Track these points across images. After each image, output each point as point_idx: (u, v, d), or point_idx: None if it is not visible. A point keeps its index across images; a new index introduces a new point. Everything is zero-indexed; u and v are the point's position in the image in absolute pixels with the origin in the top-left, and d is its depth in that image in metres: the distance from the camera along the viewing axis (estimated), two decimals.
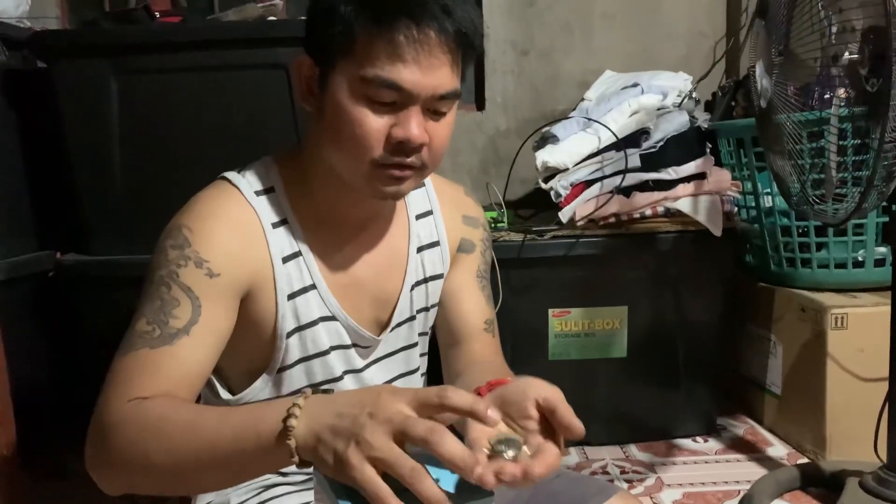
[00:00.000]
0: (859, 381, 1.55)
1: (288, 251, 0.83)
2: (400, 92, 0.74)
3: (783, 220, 1.70)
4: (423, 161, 0.78)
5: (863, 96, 1.10)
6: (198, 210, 0.81)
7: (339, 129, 0.76)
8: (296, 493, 0.89)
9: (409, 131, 0.74)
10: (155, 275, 0.77)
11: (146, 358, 0.72)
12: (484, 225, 1.00)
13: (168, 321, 0.74)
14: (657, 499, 1.48)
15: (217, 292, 0.77)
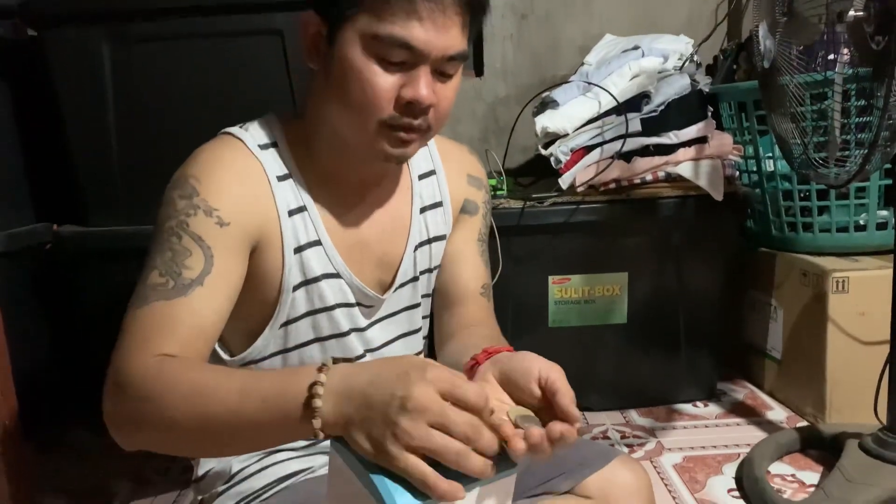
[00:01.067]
0: (860, 345, 1.55)
1: (294, 205, 0.83)
2: (411, 51, 0.73)
3: (785, 185, 1.69)
4: (429, 123, 0.78)
5: (868, 56, 1.08)
6: (204, 160, 0.80)
7: (348, 87, 0.75)
8: (297, 459, 0.89)
9: (418, 91, 0.74)
10: (164, 226, 0.76)
11: (162, 311, 0.72)
12: (486, 187, 1.00)
13: (181, 272, 0.73)
14: (657, 463, 1.49)
15: (228, 241, 0.76)
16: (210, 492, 0.90)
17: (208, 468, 0.91)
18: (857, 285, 1.54)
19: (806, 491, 1.34)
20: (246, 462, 0.89)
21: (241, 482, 0.88)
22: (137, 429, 0.68)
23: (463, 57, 0.76)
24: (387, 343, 0.93)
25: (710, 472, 1.44)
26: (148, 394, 0.66)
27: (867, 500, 1.19)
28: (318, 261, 0.84)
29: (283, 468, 0.88)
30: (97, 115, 1.45)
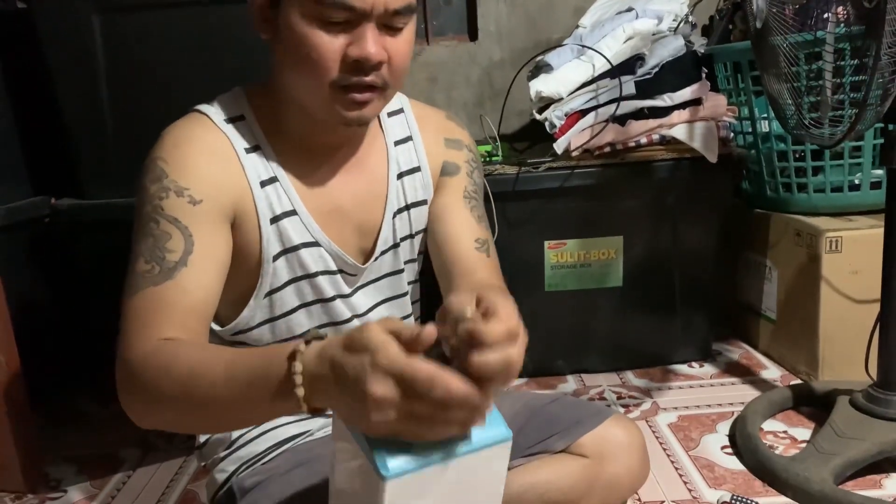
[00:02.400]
0: (852, 303, 1.57)
1: (265, 175, 0.83)
2: (352, 10, 0.73)
3: (780, 146, 1.69)
4: (384, 80, 0.77)
5: (860, 14, 1.08)
6: (169, 140, 0.81)
7: (295, 53, 0.76)
8: (295, 423, 0.91)
9: (364, 49, 0.73)
10: (142, 212, 0.78)
11: (153, 296, 0.73)
12: (469, 146, 0.99)
13: (164, 256, 0.75)
14: (652, 422, 1.51)
15: (204, 218, 0.77)
16: (212, 458, 0.93)
17: (209, 435, 0.93)
18: (850, 244, 1.55)
19: (798, 446, 1.37)
20: (245, 428, 0.91)
21: (241, 447, 0.90)
22: (148, 413, 0.71)
23: (409, 10, 0.76)
24: (373, 307, 0.95)
25: (705, 430, 1.47)
26: (149, 381, 0.68)
27: (857, 454, 1.22)
28: (295, 230, 0.85)
29: (282, 432, 0.90)
30: (89, 86, 1.45)
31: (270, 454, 0.89)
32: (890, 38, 1.01)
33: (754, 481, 1.27)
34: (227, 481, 0.91)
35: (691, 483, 1.28)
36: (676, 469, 1.33)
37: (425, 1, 2.20)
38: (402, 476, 0.54)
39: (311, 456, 0.87)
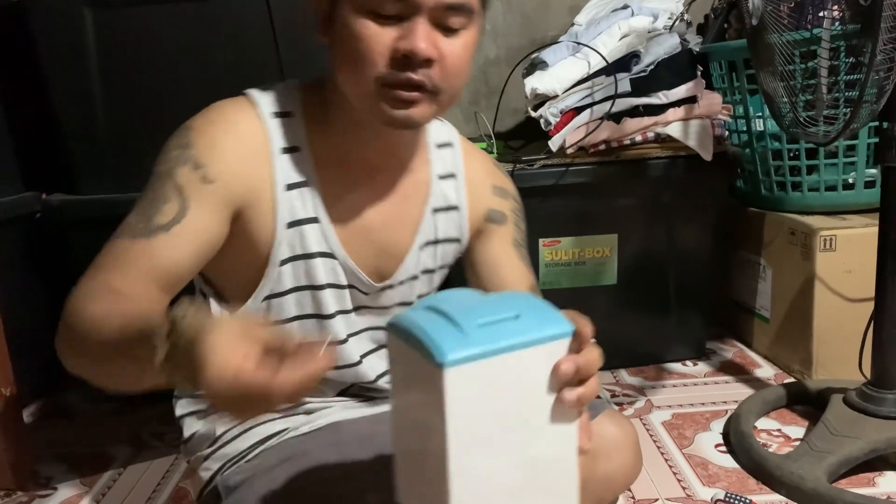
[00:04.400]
0: (846, 302, 1.57)
1: (294, 179, 0.82)
2: (403, 2, 0.71)
3: (774, 144, 1.69)
4: (433, 82, 0.74)
5: (856, 12, 1.08)
6: (209, 116, 0.81)
7: (345, 47, 0.75)
8: (280, 420, 0.90)
9: (413, 42, 0.71)
10: (156, 169, 0.78)
11: (122, 246, 0.73)
12: (514, 196, 0.99)
13: (153, 216, 0.74)
14: (647, 420, 1.51)
15: (208, 198, 0.76)
16: (196, 454, 0.92)
17: (193, 430, 0.92)
18: (844, 243, 1.55)
19: (791, 445, 1.37)
20: (230, 424, 0.90)
21: (225, 445, 0.89)
22: (69, 352, 0.71)
23: (466, 9, 0.74)
24: (365, 330, 0.92)
25: (699, 428, 1.47)
26: (75, 321, 0.69)
27: (851, 452, 1.22)
28: (314, 238, 0.83)
29: (265, 429, 0.89)
30: (81, 81, 1.44)
31: (254, 451, 0.88)
32: (885, 35, 1.01)
33: (748, 479, 1.27)
34: (211, 479, 0.90)
35: (685, 481, 1.28)
36: (670, 467, 1.33)
37: None
38: (462, 364, 0.51)
39: (296, 452, 0.86)
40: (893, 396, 1.27)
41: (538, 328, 0.56)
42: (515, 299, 0.59)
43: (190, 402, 0.94)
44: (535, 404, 0.57)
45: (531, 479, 0.58)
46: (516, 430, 0.56)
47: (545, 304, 0.59)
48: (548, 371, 0.56)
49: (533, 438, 0.57)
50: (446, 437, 0.52)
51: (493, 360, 0.53)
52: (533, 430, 0.57)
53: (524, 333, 0.55)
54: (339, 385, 0.93)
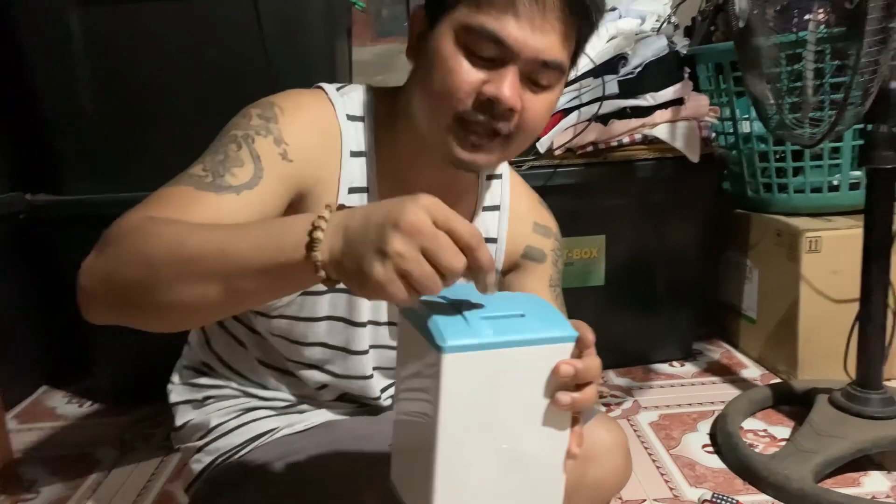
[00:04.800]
0: (831, 303, 1.58)
1: (357, 183, 0.81)
2: (501, 47, 0.71)
3: (761, 146, 1.70)
4: (510, 130, 0.74)
5: (841, 16, 1.09)
6: (295, 99, 0.80)
7: (432, 74, 0.74)
8: (275, 417, 0.90)
9: (501, 89, 0.71)
10: (229, 132, 0.75)
11: (186, 194, 0.69)
12: (556, 235, 0.98)
13: (224, 175, 0.71)
14: (634, 421, 1.52)
15: (283, 174, 0.75)
16: (188, 443, 0.91)
17: (187, 419, 0.92)
18: (829, 244, 1.57)
19: (777, 445, 1.37)
20: (224, 417, 0.90)
21: (218, 438, 0.89)
22: (109, 281, 0.61)
23: (559, 68, 0.73)
24: (390, 347, 0.91)
25: (686, 429, 1.47)
26: (129, 243, 0.61)
27: (836, 452, 1.23)
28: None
29: (261, 425, 0.89)
30: (68, 80, 1.43)
31: (248, 447, 0.88)
32: (870, 38, 1.02)
33: (735, 479, 1.28)
34: (202, 472, 0.90)
35: (673, 482, 1.28)
36: (658, 468, 1.33)
37: (408, 3, 2.20)
38: (461, 352, 0.53)
39: (291, 450, 0.86)
40: (878, 396, 1.28)
41: (541, 329, 0.57)
42: (525, 300, 0.60)
43: (185, 389, 0.94)
44: (530, 403, 0.57)
45: (517, 477, 0.58)
46: (508, 426, 0.57)
47: (553, 309, 0.60)
48: (546, 372, 0.57)
49: (524, 437, 0.58)
50: (437, 422, 0.53)
51: (492, 352, 0.54)
52: (525, 428, 0.58)
53: (526, 332, 0.56)
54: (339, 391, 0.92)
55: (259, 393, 0.91)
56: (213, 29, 1.42)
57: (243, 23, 1.41)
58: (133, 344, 1.50)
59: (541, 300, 0.62)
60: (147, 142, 1.46)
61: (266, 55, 1.42)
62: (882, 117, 1.19)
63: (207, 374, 0.93)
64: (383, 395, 0.93)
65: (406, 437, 0.61)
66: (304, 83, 0.91)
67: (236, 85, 1.41)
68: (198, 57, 1.43)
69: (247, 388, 0.91)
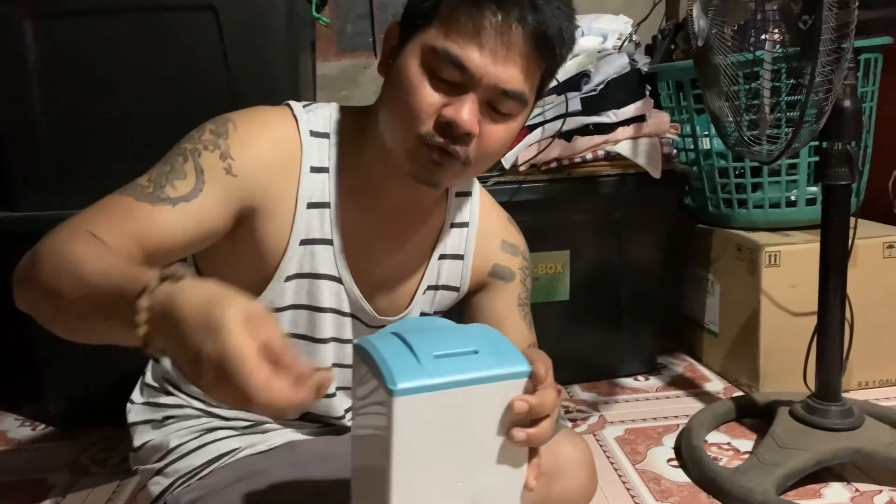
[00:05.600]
0: (791, 316, 1.61)
1: (317, 198, 0.81)
2: (464, 72, 0.72)
3: (720, 162, 1.73)
4: (467, 156, 0.75)
5: (796, 36, 1.11)
6: (252, 117, 0.80)
7: (397, 93, 0.75)
8: (237, 437, 0.89)
9: (459, 114, 0.72)
10: (181, 144, 0.77)
11: (121, 203, 0.72)
12: (524, 253, 0.99)
13: (164, 186, 0.73)
14: (600, 436, 1.52)
15: (224, 190, 0.75)
16: (146, 465, 0.89)
17: (146, 440, 0.90)
18: (788, 259, 1.59)
19: (741, 458, 1.39)
20: (184, 438, 0.88)
21: (178, 460, 0.87)
22: (33, 285, 0.65)
23: (520, 98, 0.75)
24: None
25: (651, 443, 1.48)
26: (48, 251, 0.65)
27: (797, 465, 1.24)
28: (324, 259, 0.82)
29: (222, 445, 0.87)
30: (20, 94, 1.39)
31: (208, 468, 0.86)
32: (824, 57, 1.04)
33: (700, 493, 1.28)
34: (161, 495, 0.87)
35: (638, 497, 1.28)
36: (624, 483, 1.33)
37: (373, 16, 2.20)
38: (412, 395, 0.53)
39: (252, 471, 0.84)
40: (837, 408, 1.30)
41: (494, 366, 0.56)
42: (478, 333, 0.60)
43: (145, 409, 0.92)
44: (484, 440, 0.57)
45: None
46: (462, 463, 0.57)
47: (507, 342, 0.60)
48: (500, 409, 0.57)
49: (479, 473, 0.57)
50: (390, 464, 0.53)
51: (444, 392, 0.54)
52: (480, 464, 0.57)
53: (479, 370, 0.55)
54: (303, 410, 0.91)
55: (221, 412, 0.89)
56: (172, 42, 1.40)
57: (204, 36, 1.39)
58: (87, 365, 1.46)
59: (495, 332, 0.62)
60: (102, 158, 1.43)
61: (227, 70, 1.40)
62: (836, 135, 1.22)
63: (169, 392, 0.91)
64: (347, 414, 0.92)
65: (364, 467, 0.61)
66: (266, 98, 0.91)
67: (196, 100, 1.39)
68: (156, 71, 1.40)
69: (209, 408, 0.90)
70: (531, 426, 0.58)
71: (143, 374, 0.95)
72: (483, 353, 0.57)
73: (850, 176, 1.24)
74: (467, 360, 0.56)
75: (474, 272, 0.94)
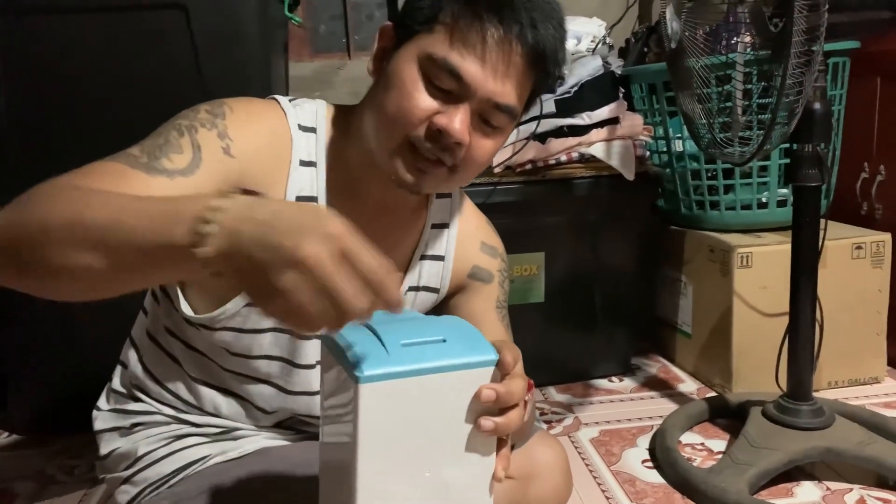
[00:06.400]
0: (763, 317, 1.62)
1: (306, 192, 0.80)
2: (460, 83, 0.73)
3: (693, 165, 1.74)
4: (454, 164, 0.76)
5: (767, 38, 1.12)
6: (248, 104, 0.79)
7: (389, 94, 0.75)
8: (208, 444, 0.87)
9: (451, 123, 0.73)
10: (174, 121, 0.74)
11: (118, 169, 0.67)
12: (502, 256, 0.99)
13: (161, 158, 0.70)
14: (575, 438, 1.52)
15: (222, 170, 0.73)
16: (114, 473, 0.87)
17: (113, 447, 0.88)
18: (759, 260, 1.61)
19: (714, 458, 1.40)
20: (154, 445, 0.86)
21: (147, 467, 0.85)
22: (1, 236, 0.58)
23: (511, 112, 0.76)
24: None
25: (626, 444, 1.48)
26: (31, 196, 0.59)
27: (770, 464, 1.25)
28: None
29: (192, 453, 0.85)
30: None
31: (178, 476, 0.84)
32: (794, 59, 1.05)
33: (674, 494, 1.29)
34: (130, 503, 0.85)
35: (613, 498, 1.28)
36: (599, 485, 1.33)
37: (346, 16, 2.18)
38: (378, 381, 0.52)
39: (224, 479, 0.83)
40: (808, 408, 1.32)
41: (461, 354, 0.56)
42: (447, 324, 0.60)
43: (112, 416, 0.90)
44: (452, 429, 0.57)
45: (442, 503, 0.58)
46: (430, 453, 0.56)
47: (475, 332, 0.60)
48: (468, 398, 0.57)
49: (447, 463, 0.57)
50: (357, 452, 0.53)
51: (410, 380, 0.54)
52: (448, 454, 0.57)
53: (446, 357, 0.55)
54: (284, 413, 0.89)
55: (192, 419, 0.88)
56: (141, 42, 1.37)
57: (175, 36, 1.37)
58: (52, 371, 1.43)
59: (464, 323, 0.62)
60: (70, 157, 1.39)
61: (199, 70, 1.38)
62: (807, 137, 1.23)
63: (138, 398, 0.89)
64: None
65: (330, 464, 0.60)
66: None
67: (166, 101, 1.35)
68: (126, 71, 1.37)
69: (180, 414, 0.88)
70: (499, 415, 0.58)
71: (110, 381, 0.93)
72: (451, 341, 0.57)
73: (821, 177, 1.25)
74: (434, 348, 0.56)
75: (454, 274, 0.94)
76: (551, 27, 0.76)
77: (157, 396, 0.89)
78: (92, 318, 1.47)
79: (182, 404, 0.88)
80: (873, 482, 1.29)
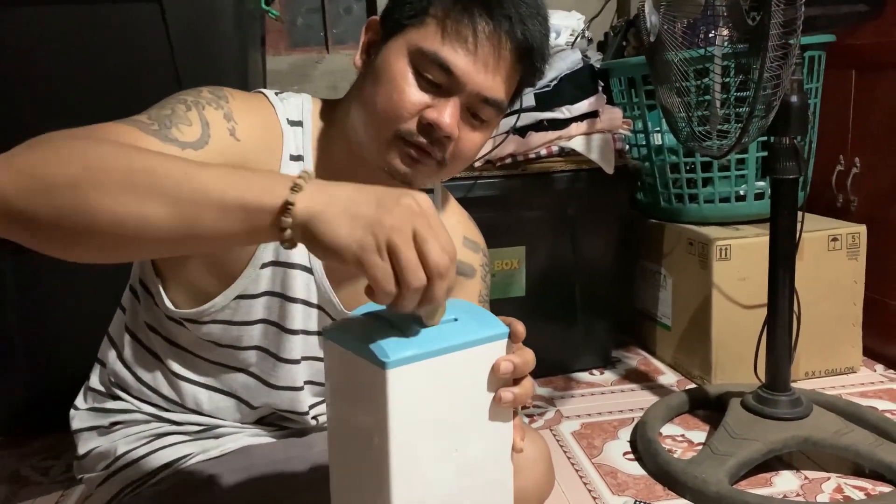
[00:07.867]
0: (741, 309, 1.64)
1: None
2: (449, 76, 0.73)
3: (672, 158, 1.75)
4: (443, 157, 0.76)
5: (744, 32, 1.13)
6: (242, 94, 0.78)
7: (379, 87, 0.74)
8: (189, 443, 0.86)
9: (441, 116, 0.73)
10: (176, 96, 0.72)
11: (129, 132, 0.64)
12: (484, 251, 0.99)
13: (171, 127, 0.68)
14: (557, 431, 1.52)
15: (227, 151, 0.72)
16: (92, 473, 0.86)
17: (91, 447, 0.86)
18: (738, 252, 1.62)
19: (695, 449, 1.41)
20: (133, 444, 0.85)
21: (126, 466, 0.84)
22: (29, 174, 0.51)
23: (499, 106, 0.77)
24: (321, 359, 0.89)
25: (607, 437, 1.49)
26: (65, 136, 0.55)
27: (749, 454, 1.26)
28: (298, 249, 0.80)
29: (172, 452, 0.84)
30: None
31: (159, 475, 0.83)
32: (771, 53, 1.06)
33: (655, 485, 1.30)
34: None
35: (595, 490, 1.29)
36: (581, 477, 1.34)
37: (325, 9, 2.16)
38: (405, 365, 0.53)
39: (204, 477, 0.82)
40: (786, 398, 1.33)
41: (476, 330, 0.58)
42: (452, 305, 0.60)
43: (90, 415, 0.88)
44: (474, 404, 0.59)
45: (471, 479, 0.59)
46: (456, 430, 0.58)
47: (481, 309, 0.62)
48: (486, 371, 0.58)
49: (472, 438, 0.59)
50: (389, 439, 0.53)
51: (434, 360, 0.54)
52: (472, 429, 0.59)
53: (463, 335, 0.57)
54: (265, 410, 0.88)
55: (173, 417, 0.87)
56: (115, 35, 1.35)
57: (149, 29, 1.35)
58: (27, 370, 1.41)
59: (466, 302, 0.63)
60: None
61: (174, 64, 1.36)
62: (784, 130, 1.24)
63: (117, 396, 0.88)
64: (311, 410, 0.90)
65: (349, 458, 0.60)
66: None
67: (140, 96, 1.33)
68: (99, 65, 1.35)
69: (160, 412, 0.87)
70: (515, 385, 0.60)
71: (88, 379, 0.91)
72: (463, 320, 0.58)
73: (798, 170, 1.26)
74: (450, 327, 0.57)
75: None
76: (538, 22, 0.76)
77: (137, 394, 0.87)
78: (68, 315, 1.45)
79: (163, 401, 0.87)
80: (850, 471, 1.31)
